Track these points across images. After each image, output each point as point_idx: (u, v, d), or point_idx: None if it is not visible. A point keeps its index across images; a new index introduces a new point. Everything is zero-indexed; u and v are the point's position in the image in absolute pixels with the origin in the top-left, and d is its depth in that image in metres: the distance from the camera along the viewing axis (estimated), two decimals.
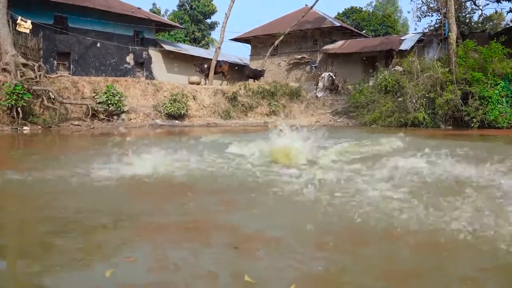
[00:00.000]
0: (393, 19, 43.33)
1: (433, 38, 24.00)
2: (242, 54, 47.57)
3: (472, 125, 16.51)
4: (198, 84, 23.09)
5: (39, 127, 14.43)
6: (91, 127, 15.66)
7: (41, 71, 15.43)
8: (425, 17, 26.09)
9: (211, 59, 24.80)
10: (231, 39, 32.63)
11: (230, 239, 2.83)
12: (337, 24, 29.05)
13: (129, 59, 24.83)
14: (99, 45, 23.18)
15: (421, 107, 17.77)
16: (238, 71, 28.32)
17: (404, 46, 23.96)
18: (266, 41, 29.61)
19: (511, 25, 26.31)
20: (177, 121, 18.91)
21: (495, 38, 18.30)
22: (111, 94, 16.67)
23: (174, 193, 4.29)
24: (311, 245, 2.76)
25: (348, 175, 4.71)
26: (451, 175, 4.66)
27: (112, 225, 3.22)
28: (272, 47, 27.46)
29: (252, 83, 23.35)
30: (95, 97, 16.58)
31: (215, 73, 24.48)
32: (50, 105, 15.19)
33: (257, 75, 26.05)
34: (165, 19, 33.62)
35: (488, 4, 31.52)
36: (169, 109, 18.79)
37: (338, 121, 21.10)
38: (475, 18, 26.24)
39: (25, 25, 16.80)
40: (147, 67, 25.77)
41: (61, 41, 21.75)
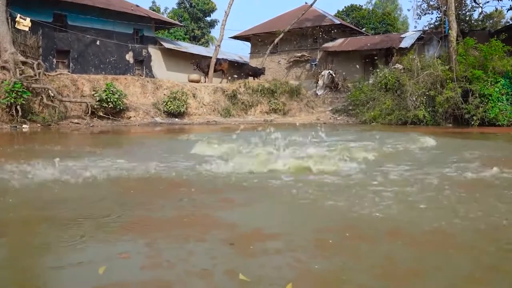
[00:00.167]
0: (393, 17, 43.28)
1: (433, 36, 23.96)
2: (242, 52, 47.50)
3: (472, 123, 16.42)
4: (197, 82, 23.04)
5: (39, 125, 14.41)
6: (91, 125, 15.62)
7: (40, 69, 15.41)
8: (425, 15, 26.03)
9: (210, 57, 24.75)
10: (231, 37, 32.68)
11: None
12: (337, 22, 29.01)
13: (129, 57, 24.79)
14: (98, 43, 23.13)
15: (421, 105, 17.72)
16: (238, 69, 28.27)
17: (404, 44, 23.93)
18: (266, 39, 29.55)
19: (511, 22, 26.25)
20: (177, 119, 18.88)
21: (495, 35, 18.23)
22: (111, 92, 16.62)
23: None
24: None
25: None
26: None
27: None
28: (272, 45, 27.41)
29: (252, 81, 23.33)
30: (95, 95, 16.53)
31: (215, 71, 24.44)
32: (49, 103, 15.16)
33: (257, 73, 26.00)
34: (165, 17, 33.52)
35: (488, 1, 31.50)
36: (169, 107, 18.76)
37: (338, 119, 21.08)
38: (475, 16, 26.12)
39: (24, 23, 16.75)
40: (146, 65, 25.73)
41: (61, 39, 21.70)
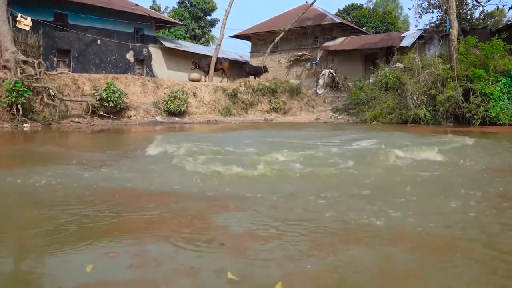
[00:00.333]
0: (394, 15, 43.21)
1: (434, 34, 23.89)
2: (242, 51, 47.47)
3: (473, 122, 16.40)
4: (198, 81, 23.02)
5: (39, 124, 14.41)
6: (91, 124, 15.63)
7: (41, 68, 15.40)
8: (426, 13, 25.90)
9: (211, 56, 24.73)
10: (231, 36, 32.63)
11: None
12: (337, 21, 28.97)
13: (129, 56, 24.78)
14: (99, 42, 23.12)
15: (422, 104, 17.68)
16: (238, 68, 28.25)
17: (405, 42, 23.89)
18: (266, 38, 29.53)
19: None
20: (177, 118, 18.88)
21: (496, 34, 18.18)
22: (111, 91, 16.62)
23: None
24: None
25: None
26: None
27: None
28: (272, 44, 27.37)
29: (252, 80, 23.31)
30: (95, 94, 16.53)
31: (215, 70, 24.42)
32: (50, 102, 15.17)
33: (258, 72, 25.97)
34: (165, 16, 33.51)
35: (489, 0, 31.41)
36: (169, 106, 18.75)
37: (338, 118, 21.06)
38: (477, 14, 25.98)
39: (25, 22, 16.74)
40: (147, 64, 25.72)
41: (61, 38, 21.70)
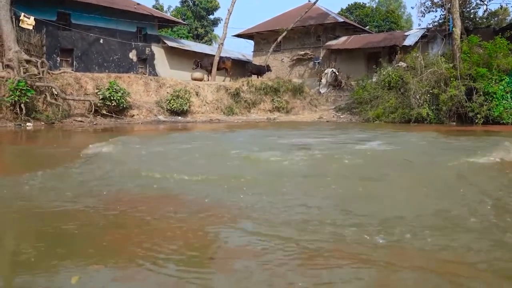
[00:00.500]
0: (397, 14, 43.05)
1: (437, 33, 23.82)
2: (245, 50, 47.48)
3: (476, 121, 16.33)
4: (201, 80, 23.05)
5: (42, 123, 14.47)
6: (94, 123, 15.68)
7: (44, 68, 15.47)
8: (429, 12, 25.86)
9: (213, 56, 24.73)
10: (234, 35, 32.62)
11: None
12: (340, 20, 28.90)
13: (132, 55, 24.83)
14: (102, 41, 23.18)
15: (424, 103, 17.62)
16: (241, 67, 28.25)
17: (407, 41, 23.81)
18: (269, 37, 29.51)
19: None
20: (180, 117, 18.91)
21: (500, 33, 18.12)
22: (114, 90, 16.66)
23: None
24: None
25: None
26: None
27: None
28: (275, 43, 27.35)
29: (255, 79, 23.30)
30: (98, 93, 16.57)
31: (218, 69, 24.43)
32: (53, 101, 15.23)
33: (260, 71, 25.96)
34: (168, 15, 33.54)
35: None
36: (172, 105, 18.78)
37: (341, 117, 21.04)
38: (480, 13, 25.92)
39: (28, 22, 16.80)
40: (150, 63, 25.76)
41: (64, 37, 21.76)
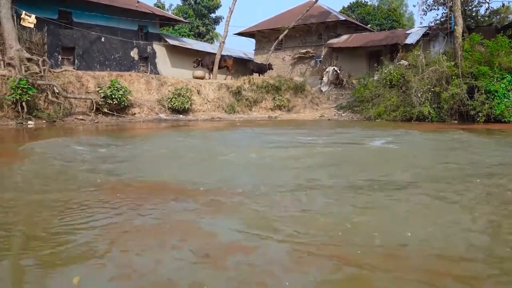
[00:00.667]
0: (399, 13, 42.97)
1: (439, 32, 23.76)
2: (246, 48, 47.45)
3: (478, 119, 16.30)
4: (202, 78, 23.06)
5: (44, 122, 14.49)
6: (95, 121, 15.70)
7: (45, 66, 15.48)
8: (431, 10, 25.86)
9: (215, 54, 24.72)
10: (235, 34, 32.59)
11: None
12: (342, 18, 28.84)
13: (134, 54, 24.84)
14: (103, 39, 23.18)
15: (426, 101, 17.61)
16: (242, 65, 28.23)
17: (409, 40, 23.76)
18: (270, 36, 29.47)
19: None
20: (181, 116, 18.92)
21: (502, 31, 18.06)
22: (115, 88, 16.67)
23: None
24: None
25: None
26: None
27: None
28: (276, 41, 27.32)
29: (256, 78, 23.29)
30: (99, 92, 16.59)
31: (220, 68, 24.42)
32: (54, 99, 15.25)
33: (262, 69, 25.95)
34: (170, 14, 33.53)
35: None
36: (173, 104, 18.79)
37: (342, 115, 21.02)
38: (482, 11, 26.07)
39: (30, 20, 16.80)
40: (151, 62, 25.77)
41: (66, 35, 21.77)
